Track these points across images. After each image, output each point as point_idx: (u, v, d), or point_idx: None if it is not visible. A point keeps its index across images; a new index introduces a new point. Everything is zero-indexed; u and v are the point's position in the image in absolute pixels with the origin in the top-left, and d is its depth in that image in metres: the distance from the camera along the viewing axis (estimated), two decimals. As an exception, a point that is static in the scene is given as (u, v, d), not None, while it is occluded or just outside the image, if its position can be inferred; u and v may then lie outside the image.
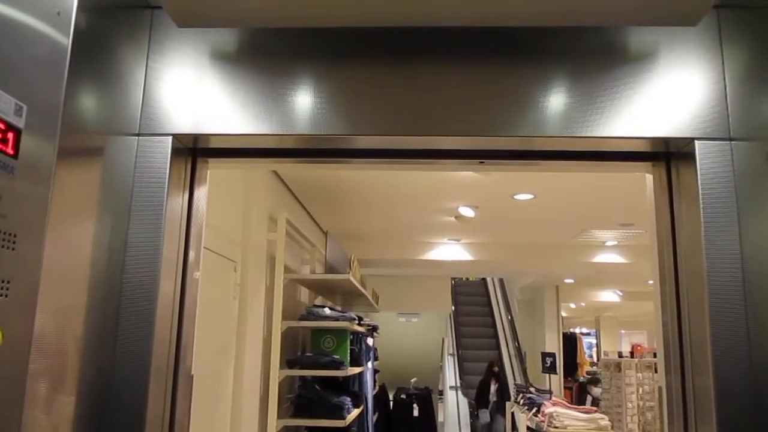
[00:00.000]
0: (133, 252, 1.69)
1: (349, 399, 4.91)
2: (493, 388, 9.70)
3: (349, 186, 5.46)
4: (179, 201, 1.84)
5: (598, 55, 1.82)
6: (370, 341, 6.75)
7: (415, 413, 8.87)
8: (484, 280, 14.64)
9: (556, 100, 1.80)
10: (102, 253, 1.59)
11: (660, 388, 1.91)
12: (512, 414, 7.62)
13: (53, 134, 1.35)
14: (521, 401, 6.59)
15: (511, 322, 13.44)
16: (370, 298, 7.13)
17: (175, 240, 1.80)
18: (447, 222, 6.88)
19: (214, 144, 1.89)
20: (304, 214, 6.13)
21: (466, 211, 6.25)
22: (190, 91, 1.81)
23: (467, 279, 14.83)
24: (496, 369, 10.15)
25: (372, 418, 6.92)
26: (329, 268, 5.55)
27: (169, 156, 1.75)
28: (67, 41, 1.40)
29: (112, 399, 1.61)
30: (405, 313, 12.88)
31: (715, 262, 1.68)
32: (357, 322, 5.15)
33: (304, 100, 1.80)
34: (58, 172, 1.35)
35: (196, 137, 1.82)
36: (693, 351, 1.74)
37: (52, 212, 1.33)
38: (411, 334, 13.17)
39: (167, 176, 1.74)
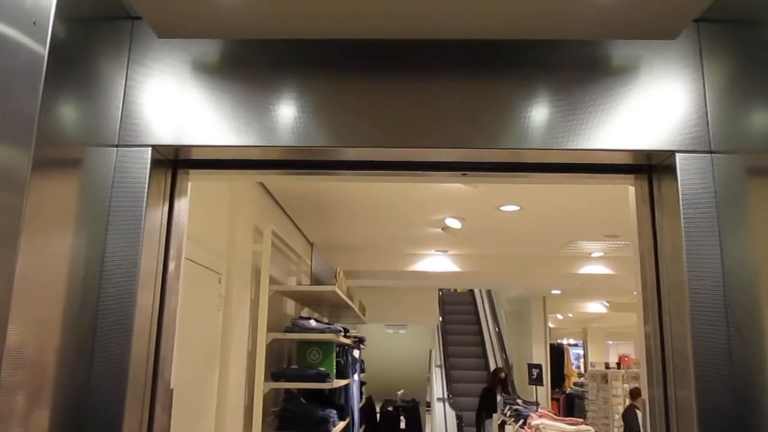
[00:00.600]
0: (111, 264, 1.67)
1: (334, 412, 4.88)
2: (499, 397, 8.82)
3: (336, 198, 5.45)
4: (159, 213, 1.82)
5: (581, 69, 1.83)
6: (356, 353, 6.72)
7: (402, 425, 8.82)
8: (471, 291, 14.65)
9: (538, 113, 1.80)
10: (79, 265, 1.57)
11: (643, 400, 1.91)
12: (500, 425, 7.60)
13: (28, 145, 1.33)
14: (508, 413, 6.58)
15: (499, 334, 13.44)
16: (356, 309, 7.10)
17: (154, 252, 1.78)
18: (434, 233, 6.89)
19: (194, 155, 1.88)
20: (290, 226, 6.10)
21: (453, 223, 6.26)
22: (171, 101, 1.80)
23: (455, 290, 14.84)
24: (503, 375, 9.42)
25: (358, 430, 6.87)
26: (315, 280, 5.53)
27: (148, 167, 1.73)
28: (44, 51, 1.39)
29: (88, 412, 1.59)
30: (392, 324, 12.84)
31: (696, 274, 1.68)
32: (343, 334, 5.12)
33: (286, 112, 1.79)
34: (33, 183, 1.34)
35: (176, 149, 1.80)
36: (675, 362, 1.74)
37: (26, 223, 1.31)
38: (398, 346, 13.13)
39: (146, 188, 1.72)
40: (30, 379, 1.38)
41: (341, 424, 5.02)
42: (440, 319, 12.88)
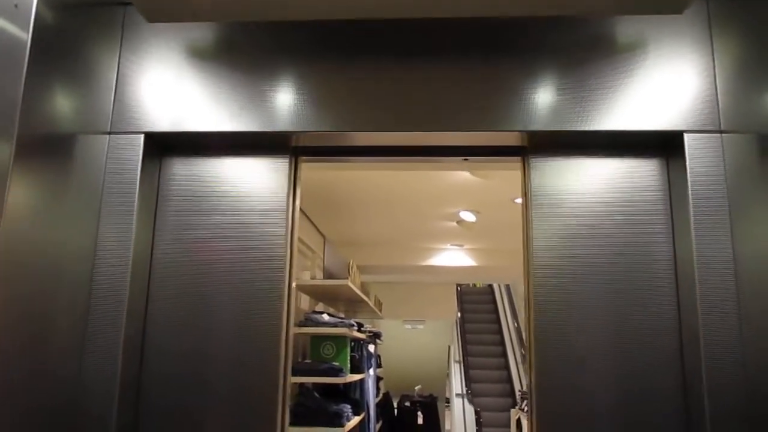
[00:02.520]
0: (103, 251, 1.65)
1: (349, 406, 4.84)
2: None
3: (349, 192, 5.41)
4: (152, 200, 1.79)
5: (586, 49, 1.77)
6: (371, 348, 6.68)
7: (420, 421, 8.77)
8: (490, 286, 14.53)
9: (543, 95, 1.74)
10: (69, 253, 1.55)
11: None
12: (518, 420, 7.52)
13: (10, 133, 1.31)
14: (525, 408, 6.50)
15: (518, 329, 13.32)
16: (371, 304, 7.07)
17: (147, 241, 1.76)
18: (449, 227, 6.82)
19: (188, 142, 1.84)
20: (304, 220, 6.08)
21: (468, 216, 6.18)
22: (164, 88, 1.77)
23: (474, 285, 14.74)
24: None
25: (375, 425, 6.84)
26: (328, 274, 5.50)
27: (140, 154, 1.71)
28: (27, 36, 1.36)
29: (78, 404, 1.57)
30: (410, 320, 12.80)
31: (705, 254, 1.62)
32: (357, 328, 5.08)
33: (285, 96, 1.75)
34: (16, 171, 1.31)
35: (169, 135, 1.77)
36: (685, 347, 1.68)
37: (7, 213, 1.28)
38: (416, 342, 13.08)
39: (138, 175, 1.70)
40: (17, 374, 1.36)
41: (356, 419, 4.98)
42: (458, 314, 12.80)
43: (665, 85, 1.73)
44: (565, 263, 1.75)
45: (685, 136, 1.69)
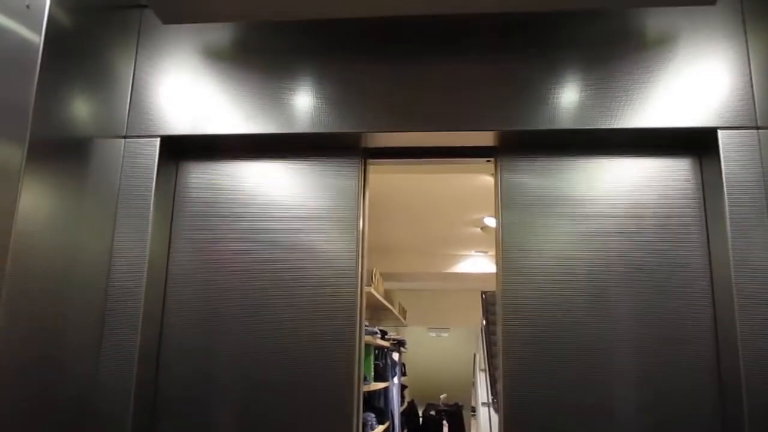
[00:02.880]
0: (119, 257, 1.62)
1: (373, 415, 4.78)
2: None
3: (372, 197, 5.37)
4: (168, 204, 1.77)
5: (613, 44, 1.71)
6: (396, 356, 6.62)
7: (445, 430, 8.67)
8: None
9: (568, 92, 1.68)
10: (85, 257, 1.52)
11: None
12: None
13: (22, 136, 1.28)
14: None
15: (545, 336, 13.10)
16: (395, 312, 7.00)
17: (163, 246, 1.73)
18: (473, 233, 6.74)
19: (205, 145, 1.81)
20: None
21: (492, 222, 6.10)
22: (181, 90, 1.75)
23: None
24: None
25: (399, 434, 6.76)
26: (351, 282, 5.44)
27: (156, 158, 1.68)
28: (39, 38, 1.34)
29: (93, 409, 1.54)
30: (435, 328, 12.70)
31: (741, 253, 1.54)
32: (380, 336, 5.03)
33: (301, 98, 1.72)
34: (28, 176, 1.28)
35: (186, 138, 1.74)
36: (722, 353, 1.60)
37: (19, 218, 1.26)
38: (441, 350, 12.96)
39: (154, 179, 1.67)
40: (34, 376, 1.33)
41: (380, 428, 4.92)
42: (484, 322, 12.64)
43: (697, 80, 1.66)
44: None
45: (719, 133, 1.62)
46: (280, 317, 1.69)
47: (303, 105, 1.71)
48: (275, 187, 1.79)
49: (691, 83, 1.66)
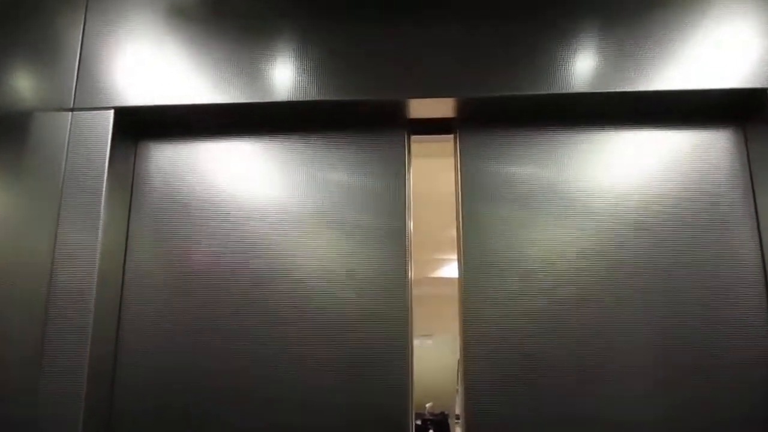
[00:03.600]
0: (63, 253, 1.34)
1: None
2: None
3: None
4: (125, 189, 1.49)
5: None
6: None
7: (432, 440, 8.39)
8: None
9: (583, 50, 1.44)
10: (21, 258, 1.24)
11: None
12: None
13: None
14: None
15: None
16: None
17: (119, 243, 1.46)
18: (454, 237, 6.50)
19: (167, 118, 1.53)
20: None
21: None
22: (140, 55, 1.48)
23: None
24: None
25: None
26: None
27: (110, 134, 1.41)
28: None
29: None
30: (419, 335, 12.46)
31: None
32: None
33: (279, 62, 1.46)
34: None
35: (143, 110, 1.46)
36: None
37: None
38: (425, 357, 12.73)
39: (107, 159, 1.39)
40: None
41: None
42: (467, 327, 12.42)
43: (739, 34, 1.43)
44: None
45: (769, 94, 1.39)
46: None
47: (289, 71, 1.45)
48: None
49: (732, 38, 1.43)
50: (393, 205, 1.48)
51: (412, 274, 1.49)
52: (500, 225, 1.46)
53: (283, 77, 1.45)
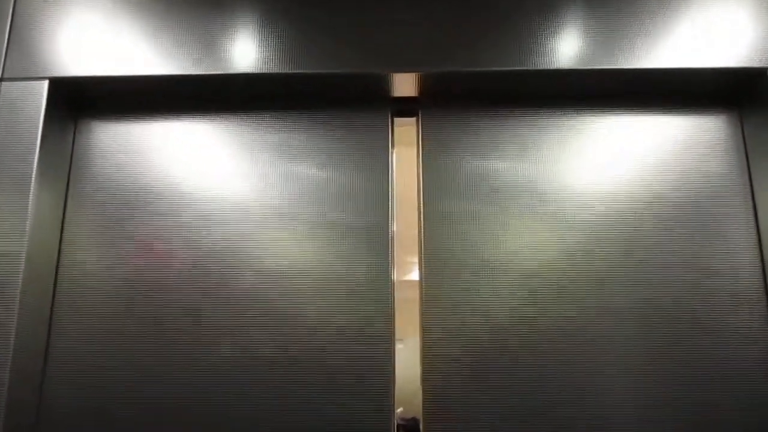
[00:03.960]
0: (-15, 243, 1.18)
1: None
2: None
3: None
4: (61, 169, 1.33)
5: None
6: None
7: (403, 446, 8.26)
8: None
9: (568, 23, 1.32)
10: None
11: None
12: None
13: None
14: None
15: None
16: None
17: (53, 228, 1.29)
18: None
19: (109, 90, 1.37)
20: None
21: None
22: (79, 21, 1.32)
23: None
24: None
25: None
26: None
27: (43, 108, 1.24)
28: None
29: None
30: (389, 339, 12.35)
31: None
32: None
33: (237, 32, 1.31)
34: None
35: (83, 81, 1.30)
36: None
37: None
38: (397, 362, 12.62)
39: (39, 134, 1.23)
40: None
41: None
42: (437, 331, 12.37)
43: (735, 13, 1.33)
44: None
45: (768, 74, 1.29)
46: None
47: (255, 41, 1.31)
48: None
49: (732, 14, 1.33)
50: (373, 200, 1.35)
51: (395, 275, 1.36)
52: (466, 223, 1.33)
53: (243, 47, 1.30)
